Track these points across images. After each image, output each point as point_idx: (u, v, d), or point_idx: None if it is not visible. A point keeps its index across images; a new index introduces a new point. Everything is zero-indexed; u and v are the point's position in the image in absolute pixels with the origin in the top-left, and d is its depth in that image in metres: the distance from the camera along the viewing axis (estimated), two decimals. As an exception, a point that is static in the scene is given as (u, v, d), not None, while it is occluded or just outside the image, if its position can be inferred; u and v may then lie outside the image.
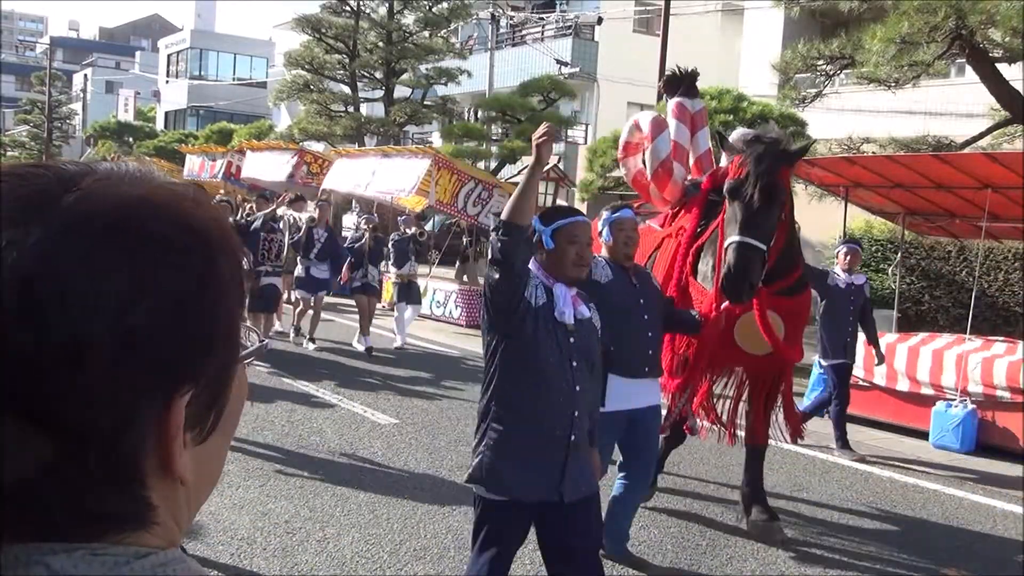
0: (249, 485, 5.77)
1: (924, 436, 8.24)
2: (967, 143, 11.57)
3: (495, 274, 3.13)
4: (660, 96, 16.22)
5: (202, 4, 55.74)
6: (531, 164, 3.21)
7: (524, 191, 3.14)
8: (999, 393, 8.02)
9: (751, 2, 20.86)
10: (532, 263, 3.28)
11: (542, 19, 28.31)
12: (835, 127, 13.35)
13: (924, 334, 9.78)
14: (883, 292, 13.06)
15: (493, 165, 21.24)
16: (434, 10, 24.27)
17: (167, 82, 50.82)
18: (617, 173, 17.22)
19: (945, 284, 13.69)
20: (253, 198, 14.47)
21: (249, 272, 10.04)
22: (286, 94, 25.43)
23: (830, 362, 7.73)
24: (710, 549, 5.21)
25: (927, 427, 8.24)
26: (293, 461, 6.41)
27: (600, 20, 24.92)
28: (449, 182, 13.68)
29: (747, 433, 5.59)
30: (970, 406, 8.04)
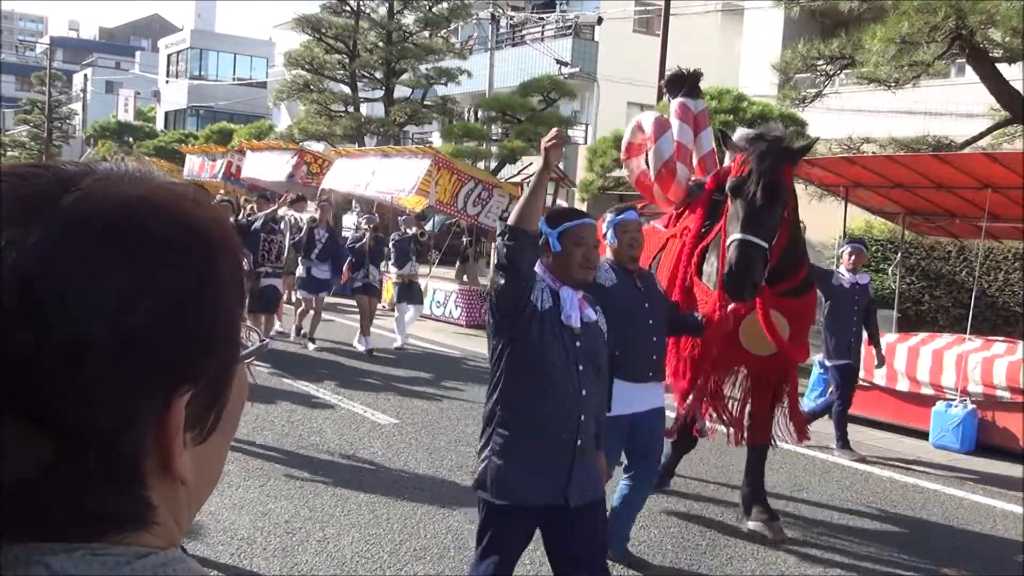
0: (249, 485, 5.77)
1: (924, 436, 8.25)
2: (967, 143, 11.57)
3: (501, 279, 3.10)
4: (660, 96, 16.25)
5: (202, 4, 55.74)
6: (539, 169, 3.15)
7: (532, 196, 3.09)
8: (999, 393, 8.02)
9: (751, 2, 20.85)
10: (538, 266, 3.25)
11: (542, 19, 28.30)
12: (835, 127, 13.34)
13: (924, 334, 9.78)
14: (883, 292, 13.06)
15: (493, 165, 21.24)
16: (434, 10, 24.27)
17: (167, 82, 50.82)
18: (617, 173, 17.25)
19: (945, 284, 13.69)
20: (254, 198, 14.47)
21: (249, 272, 10.04)
22: (286, 94, 25.45)
23: (834, 363, 7.70)
24: (710, 549, 5.21)
25: (927, 427, 8.24)
26: (293, 461, 6.41)
27: (600, 20, 24.90)
28: (449, 182, 13.69)
29: (750, 433, 5.58)
30: (970, 406, 8.04)
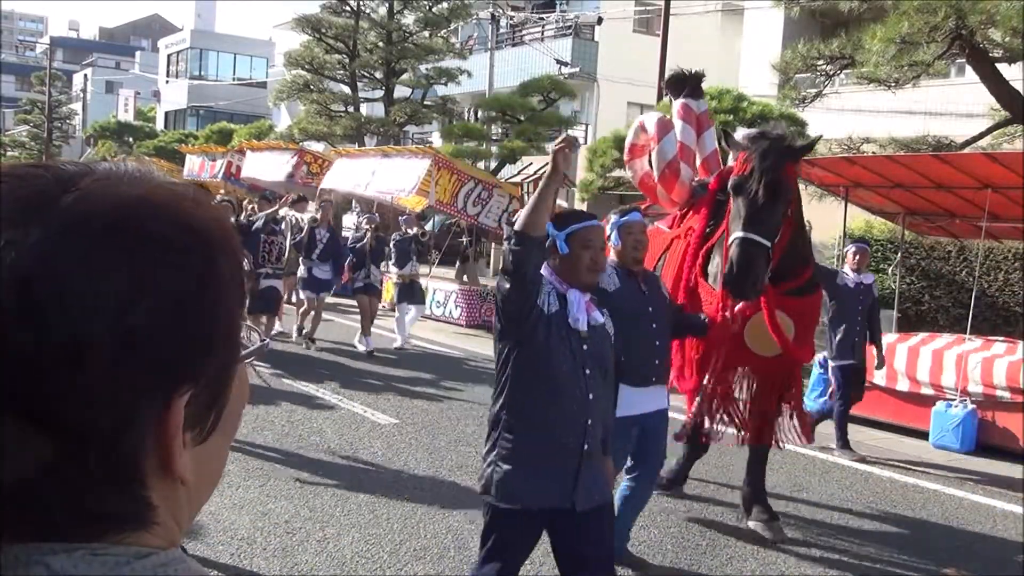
0: (249, 485, 5.77)
1: (924, 436, 8.24)
2: (967, 143, 11.56)
3: (506, 283, 3.07)
4: (660, 96, 16.24)
5: (202, 4, 55.73)
6: (547, 174, 3.10)
7: (539, 202, 3.05)
8: (999, 393, 8.02)
9: (751, 2, 20.85)
10: (544, 268, 3.22)
11: (542, 19, 28.30)
12: (835, 127, 13.32)
13: (924, 334, 9.78)
14: (883, 292, 13.02)
15: (493, 165, 21.24)
16: (434, 10, 24.28)
17: (167, 82, 50.82)
18: (617, 173, 17.24)
19: (945, 284, 13.68)
20: (255, 199, 14.47)
21: (249, 273, 10.03)
22: (286, 94, 25.46)
23: (838, 363, 7.67)
24: (710, 549, 5.21)
25: (927, 427, 8.24)
26: (293, 461, 6.41)
27: (600, 20, 24.91)
28: (449, 182, 13.69)
29: (752, 434, 5.53)
30: (970, 406, 8.04)
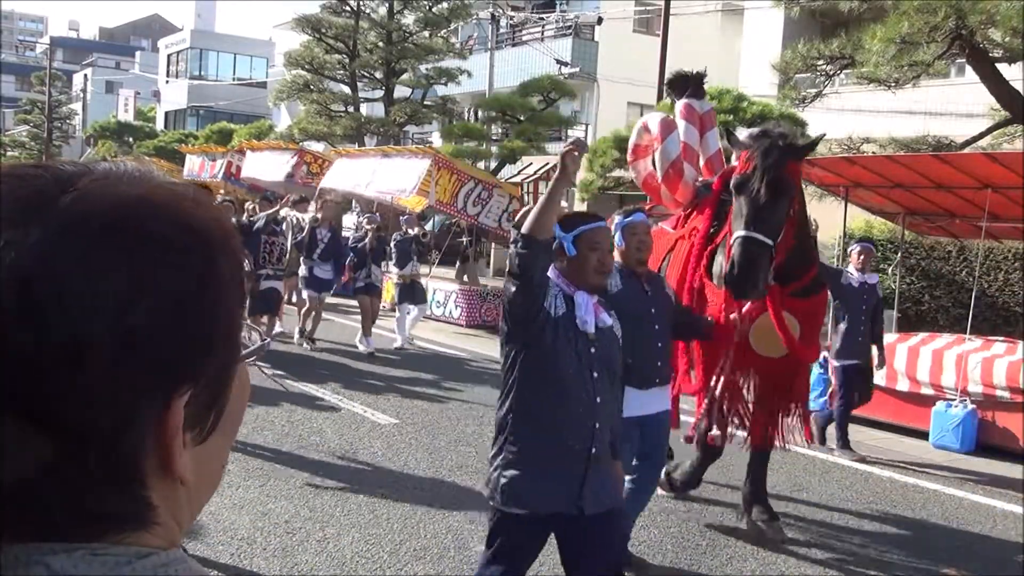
0: (249, 485, 5.77)
1: (924, 436, 8.24)
2: (967, 143, 11.57)
3: (512, 287, 3.04)
4: (660, 96, 16.25)
5: (202, 4, 55.73)
6: (555, 177, 3.07)
7: (547, 205, 3.02)
8: (999, 393, 8.02)
9: (751, 2, 20.85)
10: (551, 271, 3.18)
11: (542, 19, 28.29)
12: (835, 127, 13.32)
13: (924, 334, 9.78)
14: (883, 292, 13.02)
15: (493, 165, 21.24)
16: (434, 10, 24.30)
17: (167, 82, 50.81)
18: (617, 173, 17.24)
19: (945, 284, 13.68)
20: (256, 199, 14.46)
21: (249, 274, 10.03)
22: (286, 94, 25.48)
23: (842, 362, 7.66)
24: (710, 549, 5.21)
25: (927, 427, 8.24)
26: (293, 461, 6.41)
27: (600, 20, 24.89)
28: (449, 182, 13.70)
29: (760, 437, 5.48)
30: (970, 406, 8.04)
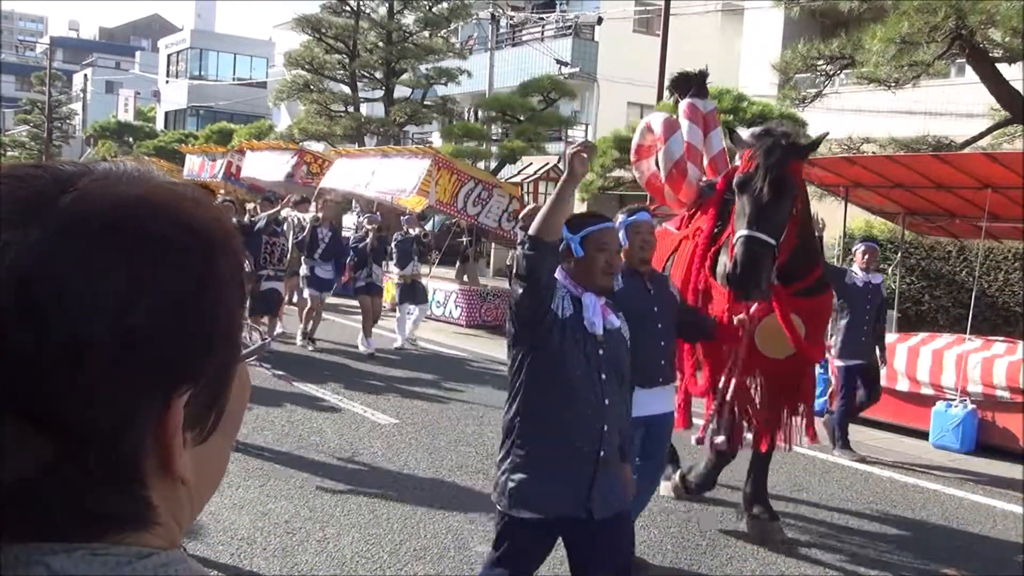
0: (249, 485, 5.77)
1: (924, 436, 8.24)
2: (967, 143, 11.57)
3: (519, 288, 3.03)
4: (660, 96, 16.25)
5: (202, 4, 55.72)
6: (563, 178, 3.06)
7: (555, 207, 3.00)
8: (999, 393, 8.02)
9: (751, 2, 20.85)
10: (559, 272, 3.17)
11: (542, 19, 28.29)
12: (835, 127, 13.31)
13: (924, 334, 9.78)
14: (885, 292, 13.03)
15: (493, 165, 21.24)
16: (434, 10, 24.29)
17: (167, 82, 50.81)
18: (617, 173, 17.24)
19: (945, 284, 13.67)
20: (258, 200, 14.45)
21: (250, 274, 10.02)
22: (286, 94, 25.47)
23: (845, 362, 7.64)
24: (710, 549, 5.21)
25: (927, 427, 8.24)
26: (293, 461, 6.41)
27: (600, 20, 24.89)
28: (449, 182, 13.69)
29: (768, 439, 5.44)
30: (970, 406, 8.04)
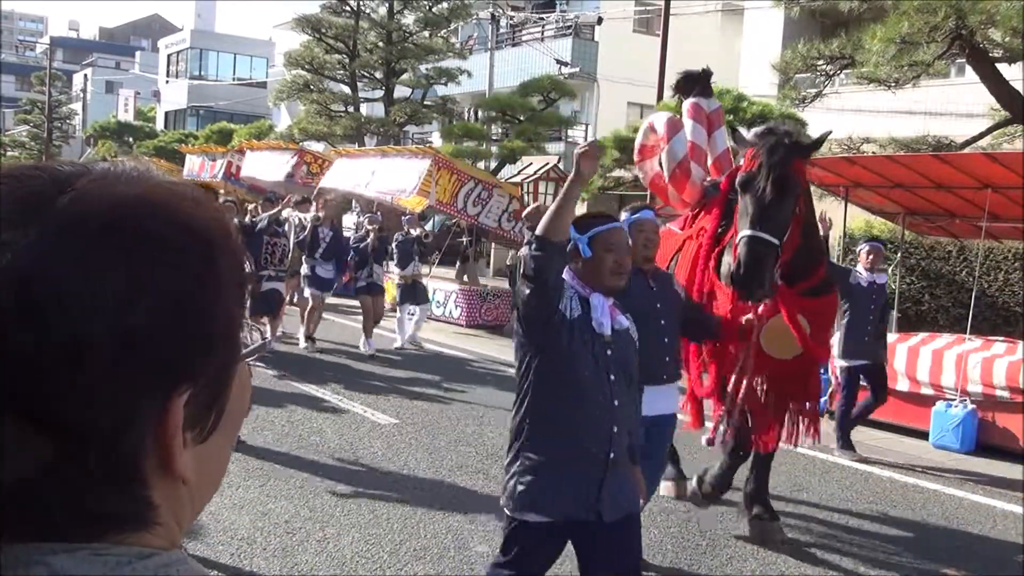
0: (249, 485, 5.77)
1: (924, 436, 8.24)
2: (967, 143, 11.57)
3: (527, 289, 3.01)
4: (660, 96, 16.25)
5: (202, 4, 55.72)
6: (570, 178, 3.04)
7: (562, 207, 2.99)
8: (999, 393, 8.02)
9: (751, 2, 20.85)
10: (566, 273, 3.15)
11: (542, 19, 28.29)
12: (835, 127, 13.31)
13: (924, 334, 9.78)
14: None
15: (493, 165, 21.24)
16: (434, 10, 24.29)
17: (167, 82, 50.81)
18: (617, 173, 17.25)
19: (945, 284, 13.67)
20: (259, 200, 14.44)
21: (251, 274, 10.00)
22: (286, 94, 25.47)
23: (849, 363, 7.63)
24: (710, 549, 5.21)
25: (927, 427, 8.24)
26: (293, 461, 6.41)
27: (600, 20, 24.89)
28: (449, 182, 13.69)
29: (775, 440, 5.41)
30: (970, 406, 8.04)
